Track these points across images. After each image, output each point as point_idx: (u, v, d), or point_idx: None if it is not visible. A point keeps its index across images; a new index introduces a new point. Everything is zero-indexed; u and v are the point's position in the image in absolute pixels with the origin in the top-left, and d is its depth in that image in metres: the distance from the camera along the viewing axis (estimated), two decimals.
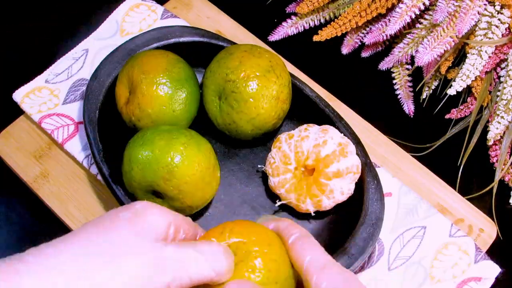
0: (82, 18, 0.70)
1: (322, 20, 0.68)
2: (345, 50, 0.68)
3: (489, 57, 0.59)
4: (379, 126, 0.63)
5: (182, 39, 0.59)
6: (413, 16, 0.59)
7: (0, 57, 0.68)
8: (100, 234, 0.31)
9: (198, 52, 0.59)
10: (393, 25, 0.59)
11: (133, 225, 0.32)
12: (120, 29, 0.66)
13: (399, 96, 0.66)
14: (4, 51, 0.69)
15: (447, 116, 0.65)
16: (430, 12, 0.61)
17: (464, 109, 0.64)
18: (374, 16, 0.63)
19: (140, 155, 0.47)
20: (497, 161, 0.61)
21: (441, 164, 0.61)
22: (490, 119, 0.61)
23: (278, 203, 0.53)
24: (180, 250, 0.33)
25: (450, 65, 0.63)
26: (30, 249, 0.30)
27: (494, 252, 0.56)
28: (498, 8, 0.57)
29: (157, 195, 0.49)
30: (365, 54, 0.68)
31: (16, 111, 0.61)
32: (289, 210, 0.55)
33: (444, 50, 0.58)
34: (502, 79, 0.60)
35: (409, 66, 0.66)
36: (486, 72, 0.62)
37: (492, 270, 0.54)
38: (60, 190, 0.57)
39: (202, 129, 0.54)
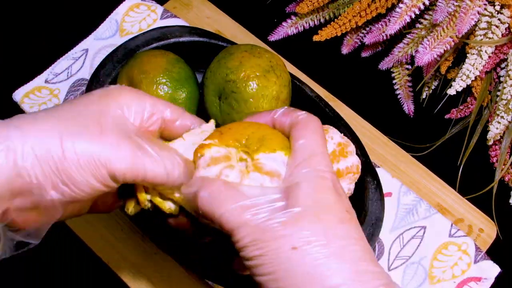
0: (82, 18, 0.70)
1: (322, 20, 0.68)
2: (345, 50, 0.68)
3: (489, 57, 0.59)
4: (379, 126, 0.63)
5: (182, 39, 0.59)
6: (413, 16, 0.59)
7: (0, 57, 0.68)
8: (71, 106, 0.33)
9: (198, 52, 0.58)
10: (393, 25, 0.59)
11: (101, 103, 0.33)
12: (120, 29, 0.66)
13: (399, 96, 0.66)
14: (4, 51, 0.69)
15: (447, 116, 0.65)
16: (430, 12, 0.61)
17: (464, 109, 0.64)
18: (374, 16, 0.63)
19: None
20: (497, 161, 0.61)
21: (441, 164, 0.61)
22: (490, 119, 0.61)
23: None
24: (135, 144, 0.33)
25: (450, 65, 0.63)
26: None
27: (494, 252, 0.56)
28: (498, 8, 0.57)
29: None
30: (365, 54, 0.68)
31: (16, 111, 0.61)
32: None
33: (444, 50, 0.58)
34: (502, 79, 0.60)
35: (409, 66, 0.66)
36: (486, 72, 0.62)
37: (492, 270, 0.54)
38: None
39: None
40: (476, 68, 0.59)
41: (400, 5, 0.59)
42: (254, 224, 0.30)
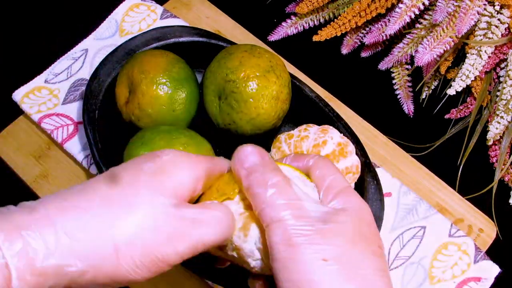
0: (82, 18, 0.70)
1: (322, 20, 0.68)
2: (344, 50, 0.68)
3: (489, 57, 0.59)
4: (379, 126, 0.63)
5: (181, 39, 0.59)
6: (413, 16, 0.59)
7: (0, 57, 0.68)
8: (116, 189, 0.30)
9: (198, 52, 0.58)
10: (392, 25, 0.59)
11: (154, 184, 0.30)
12: (119, 29, 0.66)
13: (398, 96, 0.66)
14: (3, 51, 0.69)
15: (446, 116, 0.65)
16: (430, 12, 0.61)
17: (463, 109, 0.64)
18: (374, 16, 0.63)
19: (139, 155, 0.47)
20: (496, 161, 0.61)
21: (440, 164, 0.61)
22: (489, 119, 0.61)
23: None
24: (198, 215, 0.31)
25: (450, 65, 0.63)
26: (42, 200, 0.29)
27: (494, 252, 0.56)
28: (497, 8, 0.57)
29: None
30: (364, 54, 0.68)
31: (16, 111, 0.61)
32: None
33: (444, 50, 0.58)
34: (501, 79, 0.60)
35: (408, 66, 0.66)
36: (486, 72, 0.62)
37: (492, 270, 0.54)
38: (59, 190, 0.57)
39: (202, 129, 0.54)
40: (476, 68, 0.59)
41: (400, 5, 0.59)
42: (293, 226, 0.30)
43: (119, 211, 0.29)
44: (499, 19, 0.58)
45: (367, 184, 0.52)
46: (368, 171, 0.53)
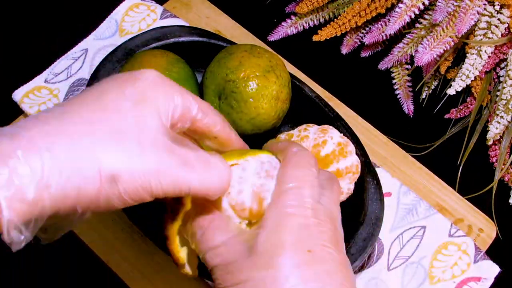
0: (82, 18, 0.70)
1: (322, 20, 0.68)
2: (344, 50, 0.68)
3: (489, 57, 0.59)
4: (379, 126, 0.63)
5: (181, 39, 0.59)
6: (413, 16, 0.59)
7: (0, 57, 0.68)
8: (105, 116, 0.29)
9: (198, 52, 0.58)
10: (392, 25, 0.59)
11: (137, 112, 0.30)
12: (119, 29, 0.66)
13: (398, 96, 0.66)
14: (4, 51, 0.69)
15: (446, 116, 0.65)
16: (430, 12, 0.61)
17: (463, 109, 0.64)
18: (374, 16, 0.63)
19: None
20: (496, 161, 0.61)
21: (440, 164, 0.61)
22: (489, 119, 0.61)
23: None
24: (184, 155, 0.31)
25: (450, 65, 0.63)
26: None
27: (494, 252, 0.56)
28: (497, 8, 0.57)
29: None
30: (364, 54, 0.68)
31: (16, 111, 0.61)
32: None
33: (444, 50, 0.58)
34: (501, 79, 0.60)
35: (408, 66, 0.66)
36: (486, 72, 0.62)
37: (492, 270, 0.54)
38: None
39: None
40: (476, 68, 0.59)
41: (400, 5, 0.59)
42: (223, 267, 0.32)
43: (105, 137, 0.28)
44: (499, 19, 0.58)
45: (367, 184, 0.52)
46: (368, 171, 0.53)
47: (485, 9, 0.57)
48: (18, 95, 0.61)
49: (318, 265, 0.31)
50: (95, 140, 0.28)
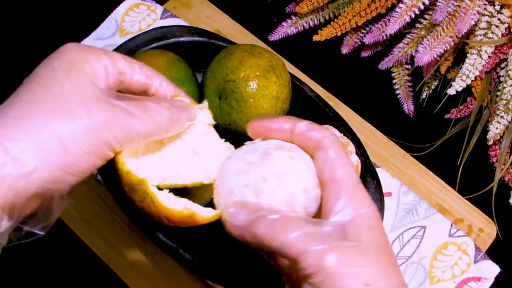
0: (82, 18, 0.70)
1: (322, 20, 0.68)
2: (345, 50, 0.68)
3: (489, 57, 0.59)
4: (379, 126, 0.63)
5: (181, 39, 0.59)
6: (413, 16, 0.59)
7: (0, 57, 0.68)
8: (44, 91, 0.32)
9: (198, 52, 0.58)
10: (392, 25, 0.59)
11: (71, 79, 0.32)
12: (119, 29, 0.66)
13: (399, 96, 0.66)
14: (3, 51, 0.69)
15: (446, 116, 0.65)
16: (430, 12, 0.61)
17: (463, 109, 0.64)
18: (374, 16, 0.63)
19: None
20: (496, 161, 0.61)
21: (440, 164, 0.61)
22: (489, 119, 0.61)
23: None
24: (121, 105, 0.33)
25: (450, 65, 0.63)
26: None
27: (494, 252, 0.56)
28: (498, 8, 0.57)
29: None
30: (365, 54, 0.68)
31: None
32: None
33: (444, 50, 0.58)
34: (501, 79, 0.60)
35: (409, 66, 0.66)
36: (486, 72, 0.62)
37: (492, 270, 0.54)
38: None
39: None
40: (476, 68, 0.59)
41: (400, 5, 0.59)
42: (316, 254, 0.30)
43: (53, 109, 0.31)
44: (499, 19, 0.58)
45: (367, 184, 0.52)
46: (368, 171, 0.53)
47: (485, 9, 0.57)
48: None
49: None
50: (45, 115, 0.30)
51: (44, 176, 0.29)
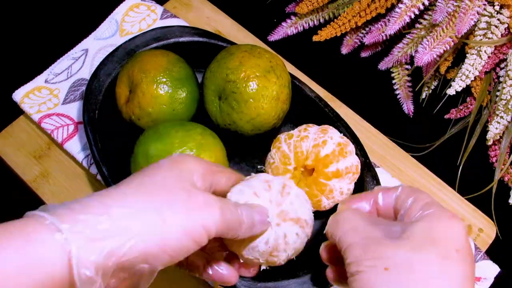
0: (82, 18, 0.70)
1: (322, 20, 0.68)
2: (344, 50, 0.68)
3: (489, 57, 0.59)
4: (379, 126, 0.63)
5: (181, 39, 0.59)
6: (413, 16, 0.59)
7: (0, 57, 0.68)
8: (148, 178, 0.34)
9: (198, 52, 0.59)
10: (392, 25, 0.59)
11: (173, 171, 0.35)
12: (119, 29, 0.66)
13: (398, 96, 0.66)
14: (3, 51, 0.69)
15: (446, 116, 0.65)
16: (430, 12, 0.61)
17: (463, 109, 0.64)
18: (374, 16, 0.63)
19: (156, 149, 0.48)
20: (496, 161, 0.61)
21: (440, 164, 0.61)
22: (489, 119, 0.61)
23: None
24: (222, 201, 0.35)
25: (450, 65, 0.63)
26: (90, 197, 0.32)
27: (494, 252, 0.56)
28: (497, 8, 0.57)
29: None
30: (364, 54, 0.68)
31: (16, 111, 0.61)
32: None
33: (444, 50, 0.58)
34: (501, 79, 0.60)
35: (408, 66, 0.66)
36: (486, 72, 0.62)
37: (492, 270, 0.54)
38: (59, 190, 0.58)
39: None
40: (476, 68, 0.59)
41: (400, 5, 0.59)
42: (362, 246, 0.33)
43: (156, 190, 0.33)
44: (498, 19, 0.58)
45: (367, 184, 0.52)
46: (368, 171, 0.53)
47: (485, 9, 0.57)
48: (18, 95, 0.61)
49: (461, 265, 0.33)
50: (148, 193, 0.33)
51: (140, 248, 0.30)
